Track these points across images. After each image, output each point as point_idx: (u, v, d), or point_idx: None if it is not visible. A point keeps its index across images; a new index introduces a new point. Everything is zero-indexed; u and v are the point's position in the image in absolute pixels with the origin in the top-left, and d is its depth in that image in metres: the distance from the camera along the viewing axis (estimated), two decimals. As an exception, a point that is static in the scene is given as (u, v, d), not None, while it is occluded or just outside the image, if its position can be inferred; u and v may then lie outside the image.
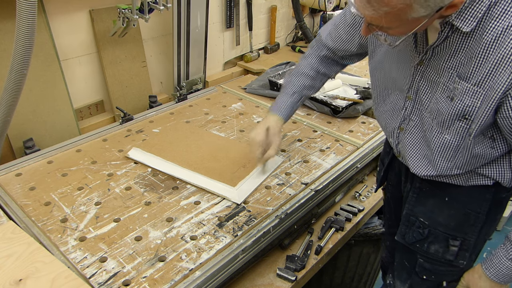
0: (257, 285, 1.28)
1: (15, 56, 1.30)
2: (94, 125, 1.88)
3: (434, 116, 1.00)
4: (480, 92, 0.88)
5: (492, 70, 0.84)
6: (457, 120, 0.95)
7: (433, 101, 0.99)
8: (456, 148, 1.01)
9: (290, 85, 1.37)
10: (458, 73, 0.91)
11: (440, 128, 1.00)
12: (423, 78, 1.01)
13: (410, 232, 1.21)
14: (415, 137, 1.11)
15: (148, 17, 1.69)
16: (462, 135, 0.97)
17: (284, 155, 1.62)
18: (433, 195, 1.16)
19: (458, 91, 0.91)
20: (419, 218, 1.19)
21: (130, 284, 1.07)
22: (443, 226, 1.15)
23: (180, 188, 1.41)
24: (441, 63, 0.95)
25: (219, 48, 2.43)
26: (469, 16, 0.83)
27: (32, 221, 1.25)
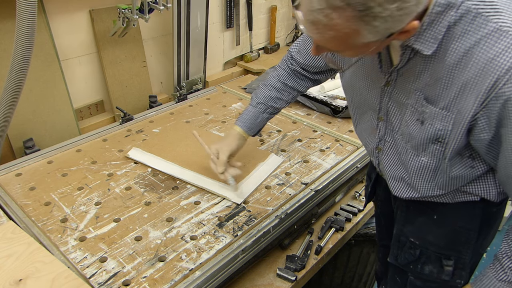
0: (257, 285, 1.28)
1: (15, 56, 1.30)
2: (94, 125, 1.88)
3: (407, 139, 0.97)
4: (450, 116, 0.85)
5: (458, 94, 0.82)
6: (431, 143, 0.92)
7: (403, 123, 0.96)
8: (434, 170, 0.98)
9: (256, 96, 1.35)
10: (425, 96, 0.88)
11: (415, 151, 0.97)
12: (391, 100, 0.98)
13: (402, 254, 1.16)
14: (391, 159, 1.08)
15: (148, 17, 1.69)
16: (439, 157, 0.94)
17: (284, 155, 1.62)
18: (421, 213, 1.12)
19: (427, 115, 0.88)
20: (409, 238, 1.14)
21: (130, 284, 1.07)
22: (435, 246, 1.10)
23: (180, 188, 1.41)
24: (407, 85, 0.91)
25: (219, 48, 2.43)
26: (429, 39, 0.80)
27: (32, 221, 1.25)
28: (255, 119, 1.34)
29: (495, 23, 0.75)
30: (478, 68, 0.77)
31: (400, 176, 1.08)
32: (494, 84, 0.76)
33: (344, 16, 0.69)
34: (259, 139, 1.72)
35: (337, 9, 0.69)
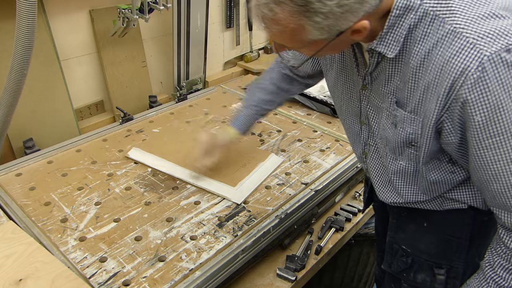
0: (257, 285, 1.28)
1: (15, 56, 1.30)
2: (94, 125, 1.88)
3: (385, 143, 0.97)
4: (418, 119, 0.85)
5: (422, 97, 0.82)
6: (405, 147, 0.92)
7: (381, 127, 0.96)
8: (414, 174, 0.97)
9: (249, 98, 1.37)
10: (397, 99, 0.88)
11: (394, 155, 0.97)
12: (370, 103, 0.98)
13: (395, 261, 1.16)
14: (376, 163, 1.07)
15: (148, 17, 1.69)
16: (415, 162, 0.94)
17: (284, 155, 1.62)
18: (412, 220, 1.11)
19: (399, 119, 0.88)
20: (401, 246, 1.13)
21: (130, 284, 1.07)
22: (426, 254, 1.09)
23: (180, 188, 1.41)
24: (381, 88, 0.91)
25: (219, 48, 2.43)
26: (391, 41, 0.80)
27: (32, 221, 1.25)
28: (250, 120, 1.37)
29: (450, 24, 0.74)
30: (437, 71, 0.77)
31: (384, 181, 1.07)
32: (452, 86, 0.75)
33: (286, 10, 0.71)
34: (259, 139, 1.72)
35: (280, 3, 0.71)
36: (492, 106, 0.73)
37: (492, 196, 0.84)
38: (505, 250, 0.86)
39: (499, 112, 0.73)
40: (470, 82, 0.72)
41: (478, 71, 0.71)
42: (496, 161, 0.78)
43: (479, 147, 0.78)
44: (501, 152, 0.77)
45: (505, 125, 0.74)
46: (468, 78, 0.72)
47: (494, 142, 0.76)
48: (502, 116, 0.73)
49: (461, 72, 0.73)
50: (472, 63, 0.71)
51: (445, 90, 0.76)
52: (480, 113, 0.74)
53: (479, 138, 0.77)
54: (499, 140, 0.76)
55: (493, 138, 0.76)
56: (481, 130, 0.76)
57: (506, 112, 0.73)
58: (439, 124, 0.82)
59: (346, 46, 0.89)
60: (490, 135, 0.76)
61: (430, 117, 0.82)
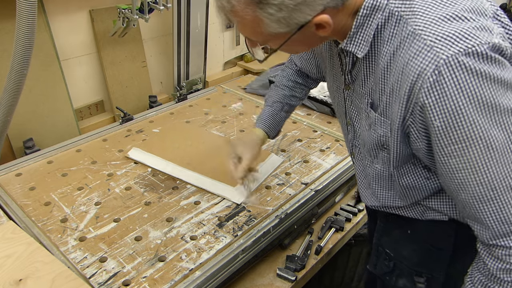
0: (257, 285, 1.28)
1: (15, 56, 1.30)
2: (94, 125, 1.88)
3: (363, 144, 0.97)
4: (387, 122, 0.84)
5: (389, 99, 0.80)
6: (379, 149, 0.91)
7: (361, 128, 0.96)
8: (389, 177, 0.96)
9: (270, 97, 1.35)
10: (372, 101, 0.87)
11: (370, 157, 0.96)
12: (352, 104, 0.98)
13: (379, 263, 1.15)
14: (359, 165, 1.07)
15: (148, 17, 1.69)
16: (389, 165, 0.92)
17: (284, 155, 1.62)
18: (398, 226, 1.09)
19: (371, 120, 0.87)
20: (385, 249, 1.12)
21: (130, 284, 1.07)
22: (407, 260, 1.07)
23: (180, 188, 1.41)
24: (359, 89, 0.91)
25: (219, 48, 2.43)
26: (360, 41, 0.80)
27: (32, 221, 1.25)
28: (274, 117, 1.32)
29: (411, 26, 0.73)
30: (399, 73, 0.75)
31: (365, 183, 1.07)
32: (411, 89, 0.73)
33: (242, 2, 0.72)
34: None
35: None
36: (450, 111, 0.69)
37: (462, 207, 0.81)
38: (483, 266, 0.83)
39: (458, 118, 0.69)
40: (426, 85, 0.70)
41: (434, 74, 0.68)
42: (460, 169, 0.74)
43: (442, 154, 0.75)
44: (464, 160, 0.73)
45: (465, 131, 0.70)
46: (424, 81, 0.70)
47: (456, 149, 0.73)
48: (461, 122, 0.69)
49: (418, 75, 0.71)
50: (428, 66, 0.69)
51: (405, 93, 0.74)
52: (438, 118, 0.71)
53: (441, 144, 0.74)
54: (460, 148, 0.72)
55: (454, 145, 0.72)
56: (442, 136, 0.72)
57: (466, 118, 0.69)
58: (406, 128, 0.80)
59: (316, 41, 0.87)
60: (452, 142, 0.72)
61: (395, 120, 0.80)
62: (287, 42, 0.79)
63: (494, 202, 0.75)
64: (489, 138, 0.70)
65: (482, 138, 0.70)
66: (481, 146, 0.71)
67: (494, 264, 0.80)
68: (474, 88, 0.68)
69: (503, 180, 0.73)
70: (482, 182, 0.74)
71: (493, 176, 0.73)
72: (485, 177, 0.73)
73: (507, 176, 0.73)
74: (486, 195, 0.75)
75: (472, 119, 0.69)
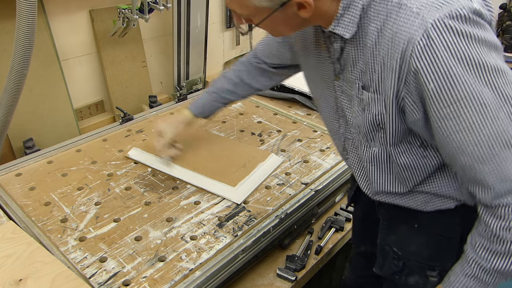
0: (257, 285, 1.28)
1: (15, 56, 1.30)
2: (94, 125, 1.88)
3: (358, 130, 0.97)
4: (380, 98, 0.85)
5: (381, 74, 0.82)
6: (375, 130, 0.91)
7: (354, 115, 0.97)
8: (387, 160, 0.96)
9: (213, 84, 1.42)
10: (363, 84, 0.89)
11: (367, 142, 0.97)
12: (343, 94, 0.98)
13: (386, 264, 1.13)
14: (355, 156, 1.07)
15: (148, 17, 1.69)
16: (386, 145, 0.93)
17: (284, 155, 1.62)
18: (403, 221, 1.09)
19: (365, 102, 0.89)
20: (392, 248, 1.11)
21: (130, 284, 1.07)
22: (417, 256, 1.06)
23: (180, 188, 1.41)
24: (349, 75, 0.92)
25: (219, 48, 2.43)
26: (347, 23, 0.83)
27: (32, 221, 1.25)
28: (206, 105, 1.43)
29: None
30: (388, 45, 0.78)
31: (363, 174, 1.07)
32: (402, 57, 0.76)
33: None
34: (259, 139, 1.72)
35: None
36: (442, 73, 0.72)
37: (463, 172, 0.82)
38: (485, 228, 0.84)
39: (451, 79, 0.72)
40: (417, 50, 0.73)
41: (424, 38, 0.72)
42: (457, 131, 0.77)
43: (438, 118, 0.77)
44: (460, 121, 0.75)
45: (458, 91, 0.73)
46: (415, 46, 0.73)
47: (451, 111, 0.75)
48: (454, 83, 0.72)
49: (408, 42, 0.74)
50: (417, 31, 0.72)
51: (397, 63, 0.77)
52: (432, 81, 0.74)
53: (436, 108, 0.76)
54: (455, 109, 0.75)
55: (449, 107, 0.75)
56: (436, 99, 0.75)
57: (458, 79, 0.72)
58: (401, 101, 0.82)
59: (298, 23, 0.88)
60: (446, 104, 0.75)
61: (389, 94, 0.82)
62: (270, 18, 0.82)
63: (492, 161, 0.77)
64: (481, 97, 0.73)
65: (475, 97, 0.73)
66: (474, 105, 0.73)
67: (498, 223, 0.81)
68: (462, 49, 0.71)
69: (498, 138, 0.75)
70: (479, 141, 0.76)
71: (489, 134, 0.75)
72: (481, 136, 0.75)
73: (502, 134, 0.75)
74: (484, 154, 0.76)
75: (464, 79, 0.72)
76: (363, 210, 1.32)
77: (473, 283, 0.89)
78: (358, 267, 1.40)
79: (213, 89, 1.41)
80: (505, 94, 0.74)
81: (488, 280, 0.87)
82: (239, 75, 1.38)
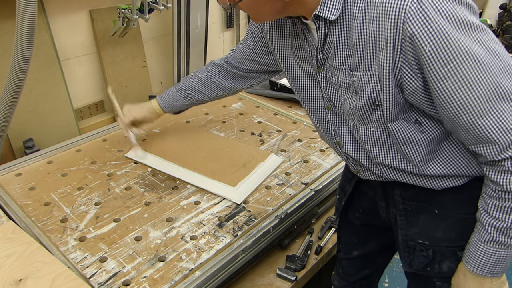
0: (257, 285, 1.28)
1: (15, 56, 1.30)
2: (94, 125, 1.88)
3: (352, 115, 0.97)
4: (373, 74, 0.86)
5: (372, 50, 0.84)
6: (371, 110, 0.92)
7: (344, 102, 0.97)
8: (387, 137, 0.96)
9: (183, 81, 1.45)
10: (350, 67, 0.90)
11: (363, 124, 0.97)
12: (328, 84, 0.99)
13: (415, 259, 1.10)
14: (352, 146, 1.05)
15: (148, 17, 1.69)
16: (384, 123, 0.94)
17: (284, 155, 1.62)
18: (421, 211, 1.07)
19: (357, 83, 0.90)
20: (417, 241, 1.08)
21: (130, 284, 1.07)
22: (446, 241, 1.03)
23: (180, 188, 1.42)
24: (334, 63, 0.93)
25: (219, 48, 2.43)
26: (332, 5, 0.85)
27: (32, 221, 1.25)
28: (173, 101, 1.45)
29: None
30: (379, 18, 0.80)
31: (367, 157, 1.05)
32: (396, 25, 0.77)
33: None
34: (259, 139, 1.72)
35: None
36: (437, 34, 0.75)
37: (467, 133, 0.84)
38: (494, 187, 0.86)
39: (445, 38, 0.75)
40: (410, 15, 0.75)
41: (415, 3, 0.75)
42: (457, 89, 0.79)
43: (438, 79, 0.79)
44: (459, 79, 0.78)
45: (454, 50, 0.76)
46: (407, 12, 0.75)
47: (449, 69, 0.77)
48: (449, 42, 0.75)
49: (400, 9, 0.76)
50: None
51: (391, 32, 0.78)
52: (428, 42, 0.76)
53: (434, 69, 0.78)
54: (453, 67, 0.77)
55: (447, 66, 0.77)
56: (434, 60, 0.77)
57: (452, 37, 0.75)
58: (398, 72, 0.83)
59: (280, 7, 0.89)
60: (444, 63, 0.77)
61: (384, 66, 0.83)
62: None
63: (492, 113, 0.80)
64: (474, 53, 0.76)
65: (469, 53, 0.76)
66: (470, 61, 0.77)
67: (506, 178, 0.84)
68: (450, 9, 0.75)
69: (495, 91, 0.79)
70: (478, 96, 0.79)
71: (486, 88, 0.78)
72: (479, 90, 0.78)
73: (497, 87, 0.79)
74: (484, 108, 0.80)
75: (456, 37, 0.75)
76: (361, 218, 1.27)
77: (494, 248, 0.89)
78: (348, 273, 1.38)
79: (183, 86, 1.44)
80: (493, 49, 0.78)
81: (507, 241, 0.88)
82: (210, 76, 1.40)
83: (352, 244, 1.34)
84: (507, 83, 0.79)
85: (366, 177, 1.11)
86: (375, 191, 1.15)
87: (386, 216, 1.16)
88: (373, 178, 1.09)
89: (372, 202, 1.18)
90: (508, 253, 0.90)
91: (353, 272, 1.37)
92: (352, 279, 1.38)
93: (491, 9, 3.35)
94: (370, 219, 1.23)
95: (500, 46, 0.80)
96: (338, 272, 1.43)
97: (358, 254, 1.32)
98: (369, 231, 1.27)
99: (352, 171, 1.15)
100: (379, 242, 1.28)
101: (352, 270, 1.37)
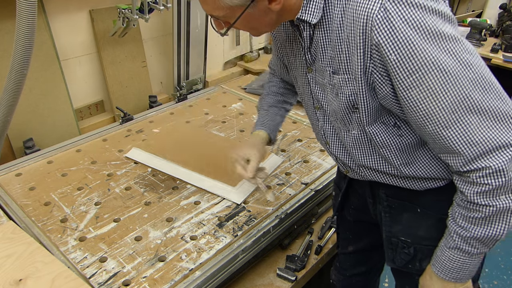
0: (257, 285, 1.28)
1: (15, 56, 1.30)
2: (94, 125, 1.88)
3: (335, 117, 0.99)
4: (350, 78, 0.87)
5: (347, 54, 0.85)
6: (351, 113, 0.93)
7: (329, 103, 0.99)
8: (367, 140, 0.98)
9: (265, 103, 1.35)
10: (333, 69, 0.91)
11: (345, 126, 0.98)
12: (317, 84, 1.01)
13: (397, 255, 1.13)
14: (339, 146, 1.07)
15: (148, 17, 1.69)
16: (362, 126, 0.94)
17: (284, 155, 1.62)
18: (405, 209, 1.08)
19: (337, 86, 0.91)
20: (400, 238, 1.10)
21: (130, 284, 1.07)
22: (427, 240, 1.05)
23: (180, 188, 1.42)
24: (320, 64, 0.95)
25: (219, 48, 2.43)
26: (313, 8, 0.87)
27: (32, 221, 1.25)
28: (272, 120, 1.32)
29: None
30: (350, 23, 0.81)
31: (351, 160, 1.06)
32: (364, 33, 0.78)
33: None
34: (259, 139, 1.72)
35: None
36: (402, 43, 0.75)
37: (434, 142, 0.84)
38: (461, 197, 0.86)
39: (410, 49, 0.75)
40: (376, 24, 0.75)
41: (381, 11, 0.75)
42: (423, 99, 0.78)
43: (403, 88, 0.79)
44: (425, 89, 0.77)
45: (419, 60, 0.75)
46: (374, 20, 0.75)
47: (414, 79, 0.77)
48: (413, 52, 0.75)
49: (367, 17, 0.76)
50: (374, 6, 0.75)
51: (359, 39, 0.79)
52: (393, 52, 0.76)
53: (400, 78, 0.78)
54: (418, 77, 0.76)
55: (412, 76, 0.77)
56: (399, 69, 0.77)
57: (417, 47, 0.74)
58: (370, 76, 0.83)
59: (272, 19, 0.90)
60: (409, 73, 0.77)
61: (358, 71, 0.83)
62: (244, 16, 0.85)
63: (458, 125, 0.79)
64: (440, 64, 0.75)
65: (435, 64, 0.75)
66: (435, 72, 0.76)
67: (471, 189, 0.84)
68: (418, 19, 0.74)
69: (461, 102, 0.77)
70: (443, 107, 0.78)
71: (452, 100, 0.77)
72: (445, 101, 0.78)
73: (465, 98, 0.77)
74: (450, 119, 0.79)
75: (422, 47, 0.75)
76: (353, 215, 1.29)
77: (457, 255, 0.91)
78: (345, 268, 1.40)
79: (269, 104, 1.34)
80: (464, 60, 0.76)
81: (470, 250, 0.89)
82: (280, 85, 1.35)
83: (347, 240, 1.36)
84: (477, 95, 0.77)
85: (354, 177, 1.13)
86: (364, 188, 1.18)
87: (373, 212, 1.18)
88: (360, 178, 1.11)
89: (362, 199, 1.20)
90: (471, 261, 0.91)
91: (349, 267, 1.39)
92: (348, 273, 1.39)
93: (491, 9, 3.35)
94: (361, 216, 1.25)
95: (474, 57, 0.78)
96: (335, 266, 1.46)
97: (353, 249, 1.34)
98: (361, 227, 1.29)
99: (342, 171, 1.16)
100: (371, 238, 1.30)
101: (347, 265, 1.39)
